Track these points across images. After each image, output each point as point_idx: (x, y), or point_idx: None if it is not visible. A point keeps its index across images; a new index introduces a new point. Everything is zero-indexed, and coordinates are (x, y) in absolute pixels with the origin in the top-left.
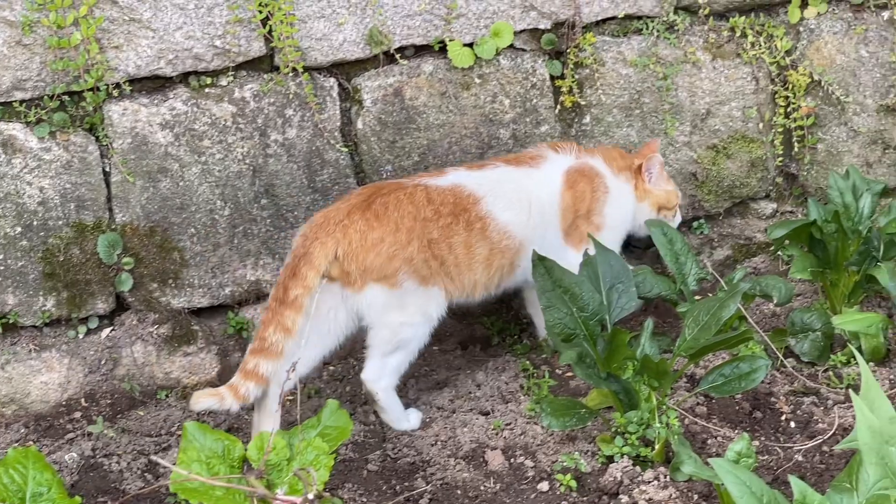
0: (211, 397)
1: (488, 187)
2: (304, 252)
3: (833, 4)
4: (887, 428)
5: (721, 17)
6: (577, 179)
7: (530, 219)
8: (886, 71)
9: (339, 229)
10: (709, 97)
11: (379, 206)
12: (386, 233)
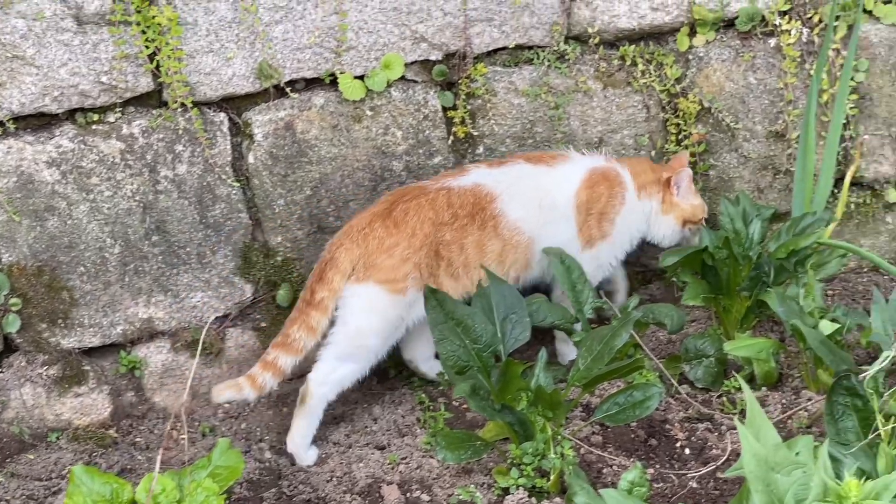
0: (231, 389)
1: (505, 185)
2: (330, 257)
3: (721, 32)
4: (773, 455)
5: (611, 46)
6: (598, 181)
7: (541, 215)
8: (774, 97)
9: (360, 237)
10: (601, 126)
11: (399, 213)
12: (401, 238)
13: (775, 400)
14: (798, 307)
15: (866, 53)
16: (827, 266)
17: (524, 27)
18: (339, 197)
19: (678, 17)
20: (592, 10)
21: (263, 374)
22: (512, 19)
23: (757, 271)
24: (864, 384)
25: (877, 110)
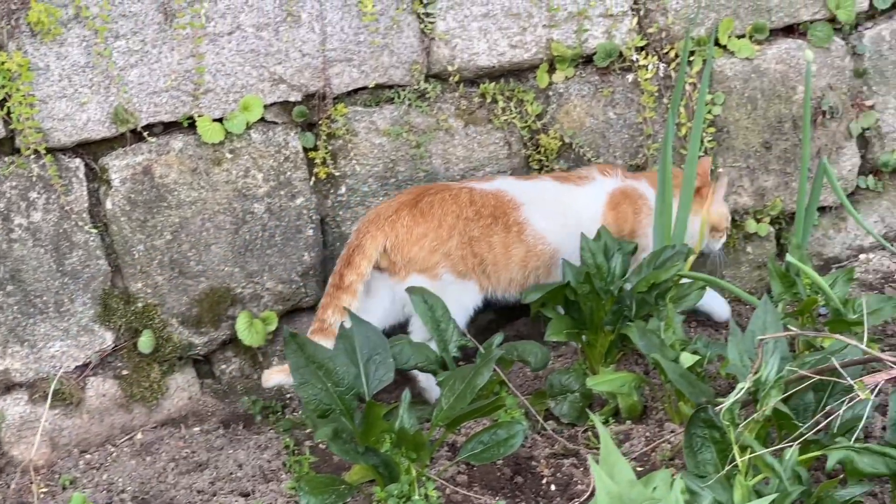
0: (280, 374)
1: (530, 196)
2: (358, 244)
3: (580, 68)
4: (627, 492)
5: (472, 84)
6: (619, 200)
7: (564, 228)
8: (634, 132)
9: (387, 224)
10: (463, 163)
11: (425, 205)
12: (429, 228)
13: (639, 433)
14: (659, 340)
15: (722, 87)
16: (687, 298)
17: (384, 67)
18: (200, 241)
19: (537, 54)
20: (452, 48)
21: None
22: (371, 59)
23: (619, 305)
24: (721, 416)
25: (734, 142)
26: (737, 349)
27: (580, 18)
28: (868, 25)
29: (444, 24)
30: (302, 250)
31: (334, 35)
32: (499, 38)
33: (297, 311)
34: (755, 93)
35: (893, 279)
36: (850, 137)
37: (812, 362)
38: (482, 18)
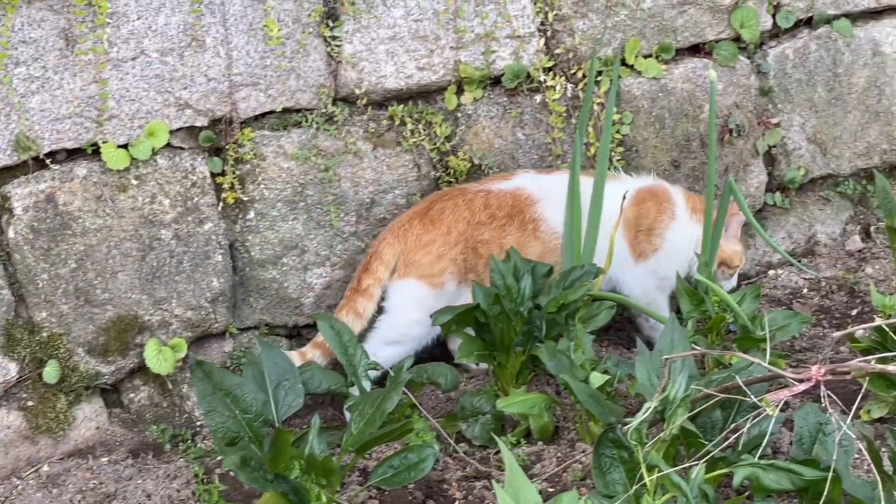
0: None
1: (547, 191)
2: (375, 250)
3: (489, 90)
4: None
5: (380, 107)
6: (645, 198)
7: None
8: (543, 152)
9: (401, 232)
10: (372, 186)
11: (436, 212)
12: (438, 235)
13: (551, 454)
14: (569, 361)
15: (630, 106)
16: (597, 318)
17: (291, 90)
18: (106, 268)
19: (445, 76)
20: (359, 71)
21: (313, 352)
22: (278, 83)
23: (529, 326)
24: (628, 435)
25: (643, 161)
26: (645, 368)
27: (487, 40)
28: (772, 44)
29: (350, 47)
30: (211, 276)
31: (240, 59)
32: (406, 60)
33: (206, 338)
34: (663, 112)
35: (801, 295)
36: (756, 155)
37: (719, 380)
38: (389, 41)
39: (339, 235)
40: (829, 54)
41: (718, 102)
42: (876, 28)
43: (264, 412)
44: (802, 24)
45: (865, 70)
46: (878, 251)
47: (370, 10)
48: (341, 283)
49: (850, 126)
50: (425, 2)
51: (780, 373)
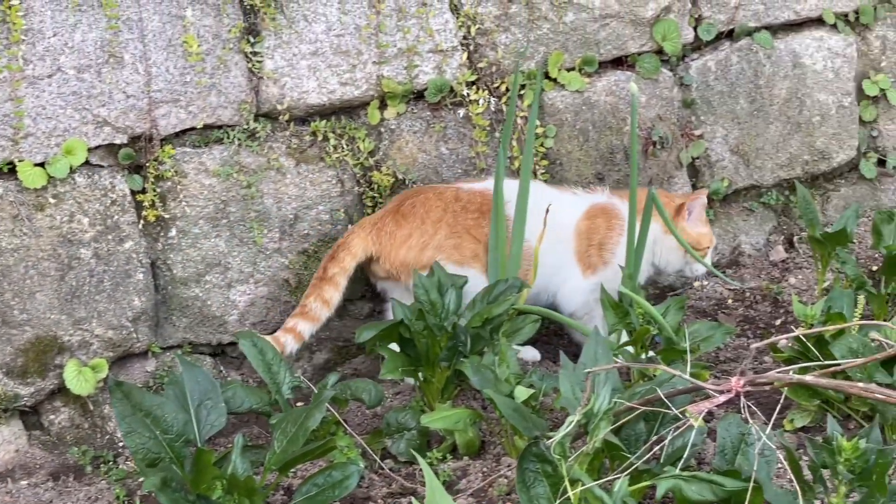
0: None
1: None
2: (343, 241)
3: (412, 104)
4: None
5: (303, 122)
6: (596, 214)
7: (545, 232)
8: (467, 166)
9: (374, 230)
10: (296, 202)
11: (407, 207)
12: (413, 228)
13: (477, 468)
14: (493, 375)
15: (554, 119)
16: (521, 332)
17: (212, 107)
18: (23, 289)
19: (368, 90)
20: (281, 87)
21: (286, 336)
22: (199, 99)
23: (454, 341)
24: (552, 449)
25: (567, 174)
26: (569, 382)
27: (410, 54)
28: (694, 56)
29: (272, 62)
30: (132, 295)
31: (159, 76)
32: (328, 75)
33: (128, 358)
34: (587, 125)
35: (726, 305)
36: (680, 167)
37: (642, 392)
38: (311, 56)
39: (263, 252)
40: (750, 66)
41: (642, 115)
42: (796, 40)
43: (186, 432)
44: (724, 36)
45: (786, 82)
46: (801, 261)
47: (291, 25)
48: (266, 300)
49: (772, 137)
50: (347, 17)
51: (701, 385)
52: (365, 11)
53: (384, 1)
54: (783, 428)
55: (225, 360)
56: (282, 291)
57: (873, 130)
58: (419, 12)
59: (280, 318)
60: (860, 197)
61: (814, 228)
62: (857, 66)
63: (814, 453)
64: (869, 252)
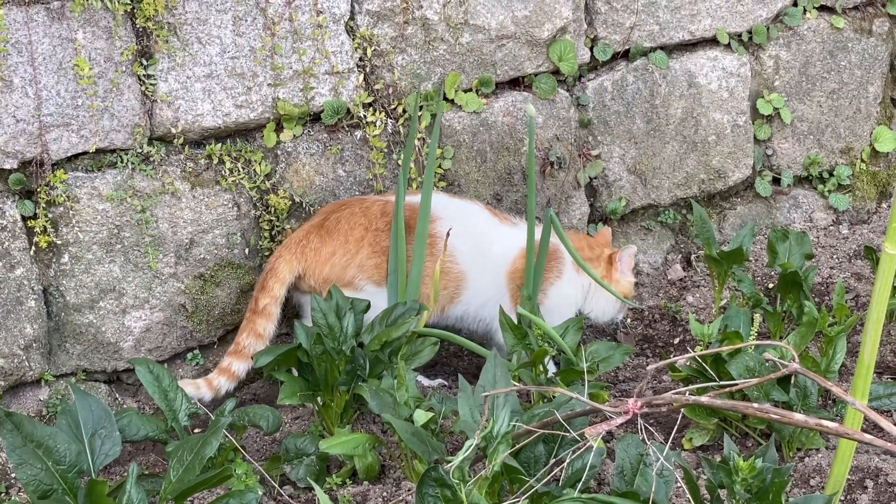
0: (190, 386)
1: (449, 212)
2: (271, 268)
3: (308, 127)
4: None
5: (198, 146)
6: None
7: (476, 256)
8: (365, 188)
9: (298, 248)
10: (191, 227)
11: (332, 222)
12: (337, 245)
13: (377, 493)
14: (392, 399)
15: (451, 141)
16: (420, 355)
17: (104, 131)
18: None
19: (263, 113)
20: (175, 110)
21: (219, 378)
22: (91, 123)
23: (352, 365)
24: (451, 474)
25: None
26: (467, 405)
27: (306, 76)
28: (591, 77)
29: (165, 85)
30: (24, 322)
31: (50, 99)
32: (224, 98)
33: (21, 386)
34: (484, 146)
35: (625, 324)
36: (578, 187)
37: (541, 414)
38: (206, 79)
39: (158, 277)
40: (646, 86)
41: (539, 135)
42: (691, 60)
43: (79, 462)
44: (620, 56)
45: (682, 101)
46: (699, 279)
47: (185, 47)
48: (162, 326)
49: (669, 156)
50: (241, 39)
51: (598, 407)
52: (260, 33)
53: (279, 23)
54: (682, 447)
55: (121, 388)
56: (178, 316)
57: (768, 149)
58: (315, 34)
59: (177, 344)
60: (756, 215)
61: (710, 247)
62: (751, 86)
63: (711, 473)
64: (765, 270)
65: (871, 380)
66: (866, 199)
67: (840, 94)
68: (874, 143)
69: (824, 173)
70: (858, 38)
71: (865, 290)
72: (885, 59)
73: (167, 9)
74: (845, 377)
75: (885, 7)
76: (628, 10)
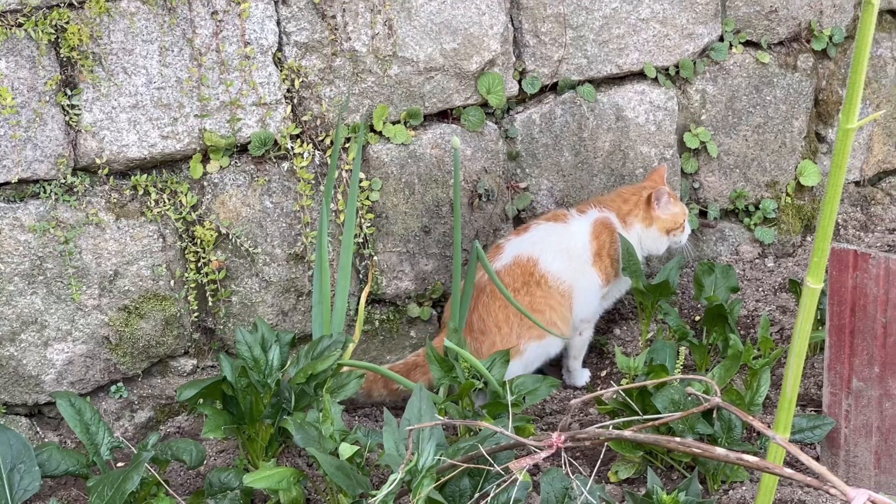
0: None
1: (534, 242)
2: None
3: (235, 158)
4: None
5: (123, 176)
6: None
7: (570, 263)
8: (292, 220)
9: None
10: (115, 258)
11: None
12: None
13: None
14: (317, 432)
15: (380, 172)
16: (346, 388)
17: (27, 161)
18: None
19: (190, 144)
20: (100, 140)
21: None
22: (13, 153)
23: (278, 398)
24: None
25: (393, 228)
26: (392, 438)
27: (233, 107)
28: (519, 109)
29: (90, 116)
30: None
31: None
32: (149, 129)
33: None
34: (412, 178)
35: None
36: (506, 219)
37: (466, 448)
38: (131, 109)
39: (82, 309)
40: (574, 119)
41: (468, 168)
42: (619, 94)
43: None
44: (548, 89)
45: (610, 134)
46: (626, 312)
47: (111, 77)
48: (85, 359)
49: (597, 189)
50: (168, 69)
51: (522, 441)
52: (186, 64)
53: (206, 53)
54: (608, 480)
55: (42, 421)
56: (102, 349)
57: (695, 182)
58: (242, 65)
59: (100, 377)
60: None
61: (637, 280)
62: (678, 119)
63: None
64: (692, 303)
65: (793, 413)
66: (791, 233)
67: (766, 128)
68: (799, 177)
69: (750, 206)
70: (783, 73)
71: (790, 323)
72: (809, 93)
73: (92, 39)
74: (770, 410)
75: (810, 43)
76: (557, 44)
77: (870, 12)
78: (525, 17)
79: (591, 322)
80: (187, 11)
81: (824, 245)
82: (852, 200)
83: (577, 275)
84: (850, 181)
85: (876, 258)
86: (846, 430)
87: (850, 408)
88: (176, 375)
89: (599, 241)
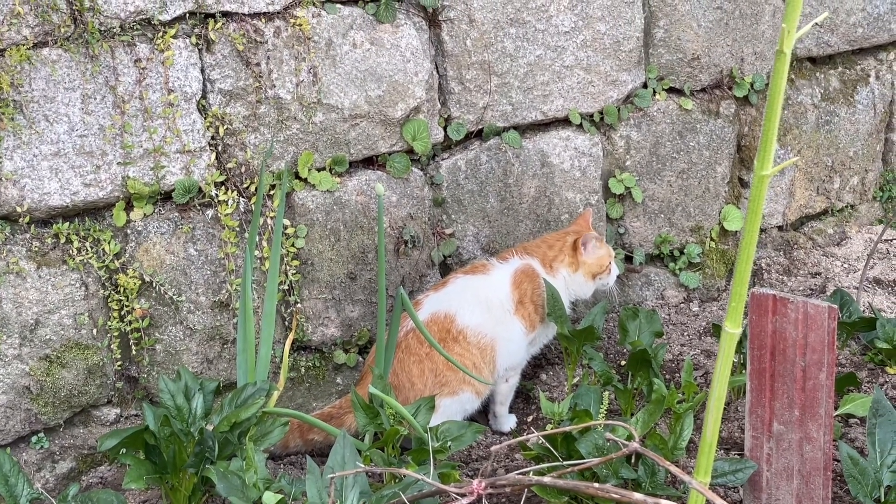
0: None
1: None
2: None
3: (160, 205)
4: None
5: (45, 224)
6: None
7: (490, 315)
8: (216, 267)
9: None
10: (37, 307)
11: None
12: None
13: None
14: (240, 481)
15: (305, 219)
16: (270, 435)
17: None
18: None
19: (113, 192)
20: (21, 188)
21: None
22: None
23: (201, 447)
24: None
25: (319, 274)
26: (315, 487)
27: (157, 155)
28: (445, 156)
29: (11, 163)
30: None
31: None
32: (71, 176)
33: None
34: (338, 224)
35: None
36: (432, 265)
37: (389, 495)
38: (53, 157)
39: (2, 359)
40: (500, 165)
41: (393, 214)
42: (544, 140)
43: None
44: (473, 136)
45: (535, 180)
46: (553, 357)
47: (32, 125)
48: (4, 409)
49: (523, 235)
50: (90, 117)
51: (444, 488)
52: (109, 112)
53: (129, 101)
54: None
55: None
56: (22, 399)
57: (620, 227)
58: (165, 112)
59: (21, 427)
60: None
61: (563, 325)
62: (603, 165)
63: None
64: (618, 347)
65: (713, 457)
66: (716, 277)
67: (689, 173)
68: (723, 222)
69: (675, 251)
70: (706, 119)
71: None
72: (731, 139)
73: (13, 86)
74: (694, 453)
75: (732, 90)
76: (481, 91)
77: (782, 61)
78: (450, 65)
79: (517, 369)
80: (110, 59)
81: (741, 290)
82: (775, 245)
83: (498, 326)
84: (772, 226)
85: (794, 302)
86: (768, 473)
87: (772, 451)
88: (99, 425)
89: (521, 290)
